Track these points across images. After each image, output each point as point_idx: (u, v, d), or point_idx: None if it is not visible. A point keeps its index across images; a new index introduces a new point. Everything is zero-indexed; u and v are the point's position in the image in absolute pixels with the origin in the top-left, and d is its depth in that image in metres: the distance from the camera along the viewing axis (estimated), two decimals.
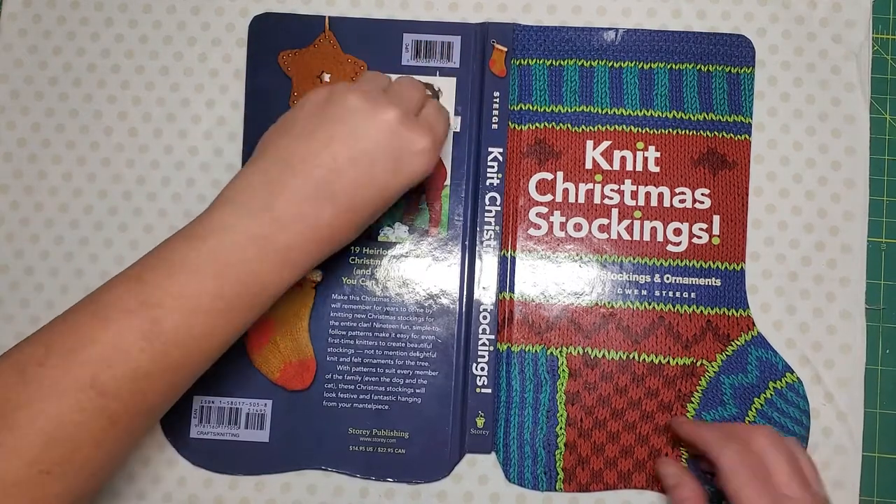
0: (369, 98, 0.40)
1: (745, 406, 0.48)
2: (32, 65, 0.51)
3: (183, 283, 0.36)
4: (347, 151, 0.39)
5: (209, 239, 0.37)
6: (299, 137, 0.40)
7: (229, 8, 0.52)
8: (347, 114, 0.40)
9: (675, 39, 0.51)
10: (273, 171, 0.39)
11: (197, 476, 0.48)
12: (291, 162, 0.39)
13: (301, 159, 0.39)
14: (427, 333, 0.49)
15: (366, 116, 0.40)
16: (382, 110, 0.40)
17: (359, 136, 0.40)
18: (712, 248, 0.49)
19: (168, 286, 0.36)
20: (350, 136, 0.39)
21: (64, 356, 0.35)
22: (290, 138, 0.40)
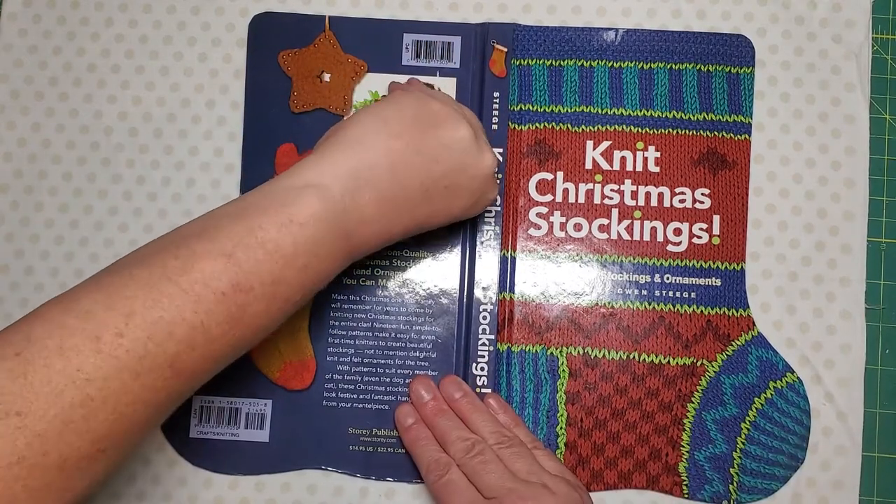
0: (478, 137, 0.42)
1: (745, 406, 0.48)
2: (32, 65, 0.51)
3: (275, 272, 0.35)
4: (445, 180, 0.41)
5: (306, 228, 0.36)
6: (409, 147, 0.40)
7: (229, 8, 0.52)
8: (458, 144, 0.41)
9: (674, 39, 0.51)
10: (376, 170, 0.39)
11: (197, 476, 0.48)
12: (396, 169, 0.39)
13: (406, 170, 0.39)
14: (427, 333, 0.49)
15: (472, 155, 0.41)
16: (485, 154, 0.42)
17: (460, 170, 0.41)
18: (712, 248, 0.49)
19: (261, 272, 0.35)
20: (453, 168, 0.41)
21: (147, 331, 0.32)
22: (400, 142, 0.40)
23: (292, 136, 0.50)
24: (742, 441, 0.48)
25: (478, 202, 0.43)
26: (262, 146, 0.50)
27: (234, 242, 0.35)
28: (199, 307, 0.33)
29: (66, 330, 0.32)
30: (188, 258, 0.34)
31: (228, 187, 0.50)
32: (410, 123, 0.40)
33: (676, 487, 0.47)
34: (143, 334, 0.32)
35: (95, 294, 0.33)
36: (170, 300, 0.33)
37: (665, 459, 0.48)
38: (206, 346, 0.34)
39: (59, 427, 0.30)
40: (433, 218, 0.42)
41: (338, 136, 0.40)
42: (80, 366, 0.31)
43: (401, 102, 0.41)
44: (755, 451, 0.48)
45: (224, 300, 0.34)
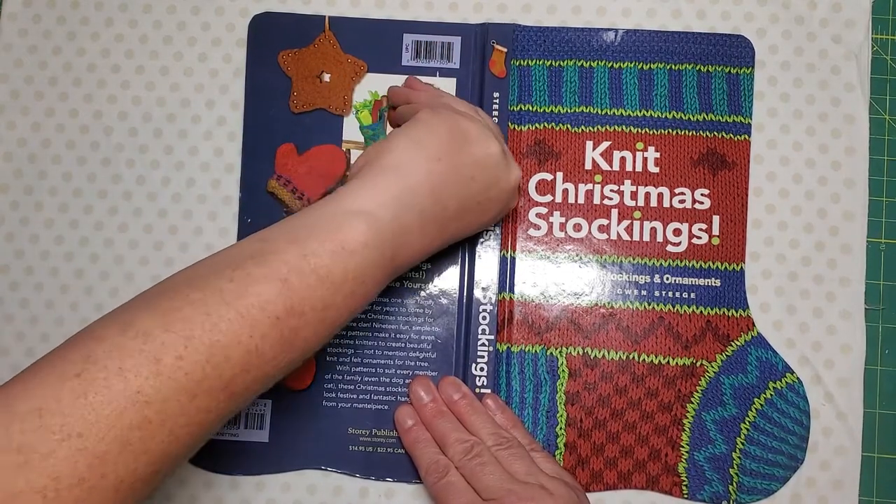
0: (506, 152, 0.43)
1: (745, 406, 0.48)
2: (32, 65, 0.52)
3: (325, 297, 0.36)
4: (480, 196, 0.42)
5: (356, 256, 0.37)
6: (447, 169, 0.40)
7: (229, 8, 0.52)
8: (489, 160, 0.42)
9: (674, 40, 0.51)
10: (419, 194, 0.39)
11: (197, 476, 0.48)
12: (437, 190, 0.40)
13: (446, 190, 0.40)
14: (427, 333, 0.49)
15: (503, 170, 0.43)
16: (513, 168, 0.44)
17: (493, 184, 0.42)
18: (712, 248, 0.49)
19: (313, 298, 0.35)
20: (487, 184, 0.42)
21: (206, 354, 0.32)
22: (439, 164, 0.40)
23: (292, 136, 0.50)
24: (741, 441, 0.48)
25: (502, 211, 0.45)
26: (262, 146, 0.50)
27: (288, 267, 0.35)
28: (254, 331, 0.34)
29: (126, 351, 0.32)
30: (244, 281, 0.34)
31: (228, 187, 0.51)
32: (447, 144, 0.41)
33: (676, 488, 0.47)
34: (202, 357, 0.32)
35: (154, 316, 0.33)
36: (227, 324, 0.33)
37: (665, 460, 0.48)
38: (259, 369, 0.34)
39: (118, 449, 0.30)
40: (464, 230, 0.43)
41: (378, 163, 0.40)
42: (140, 388, 0.31)
43: (431, 123, 0.42)
44: (755, 452, 0.48)
45: (278, 324, 0.34)
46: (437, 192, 0.40)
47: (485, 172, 0.42)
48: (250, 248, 0.36)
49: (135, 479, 0.31)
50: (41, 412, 0.30)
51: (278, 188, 0.50)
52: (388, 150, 0.40)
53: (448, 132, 0.41)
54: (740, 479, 0.47)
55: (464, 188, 0.41)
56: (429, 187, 0.40)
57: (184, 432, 0.32)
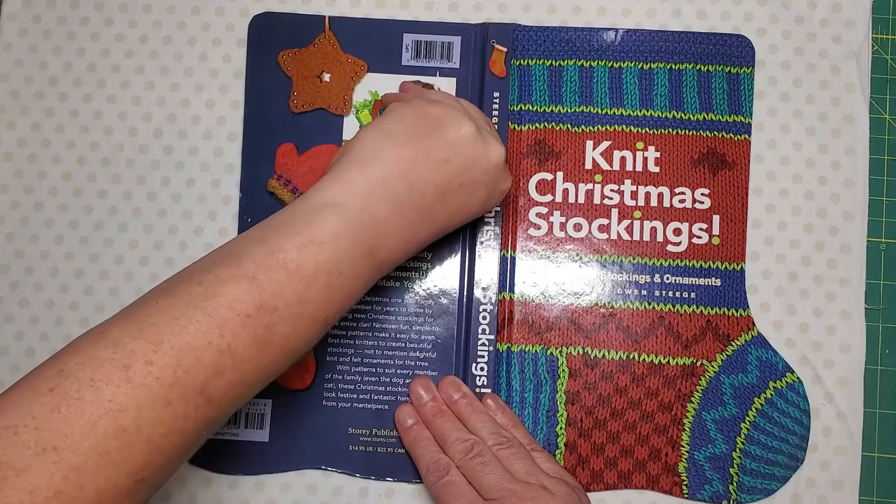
0: (482, 130, 0.42)
1: (745, 406, 0.48)
2: (32, 65, 0.52)
3: (299, 292, 0.36)
4: (459, 178, 0.41)
5: (326, 247, 0.37)
6: (418, 154, 0.40)
7: (229, 8, 0.52)
8: (462, 141, 0.41)
9: (674, 40, 0.51)
10: (389, 182, 0.39)
11: (196, 476, 0.48)
12: (408, 177, 0.39)
13: (418, 176, 0.40)
14: (427, 333, 0.49)
15: (479, 148, 0.41)
16: (493, 146, 0.42)
17: (471, 165, 0.41)
18: (712, 248, 0.49)
19: (285, 293, 0.35)
20: (464, 164, 0.41)
21: (175, 358, 0.32)
22: (407, 150, 0.40)
23: (292, 136, 0.50)
24: (742, 441, 0.48)
25: (493, 194, 0.43)
26: (262, 146, 0.50)
27: (256, 265, 0.35)
28: (224, 331, 0.34)
29: (97, 361, 0.32)
30: (211, 283, 0.34)
31: (228, 187, 0.51)
32: (414, 130, 0.41)
33: (676, 487, 0.47)
34: (172, 361, 0.32)
35: (124, 325, 0.33)
36: (196, 326, 0.33)
37: (665, 459, 0.48)
38: (234, 370, 0.34)
39: (95, 459, 0.30)
40: (454, 217, 0.42)
41: (347, 156, 0.40)
42: (112, 396, 0.31)
43: (399, 112, 0.42)
44: (755, 452, 0.48)
45: (249, 322, 0.34)
46: (410, 178, 0.39)
47: (459, 153, 0.41)
48: (221, 253, 0.37)
49: (116, 490, 0.31)
50: (17, 429, 0.30)
51: (278, 188, 0.50)
52: (356, 143, 0.41)
53: (415, 118, 0.41)
54: (740, 479, 0.47)
55: (439, 172, 0.40)
56: (399, 174, 0.39)
57: (164, 441, 0.32)
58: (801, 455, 0.48)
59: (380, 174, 0.39)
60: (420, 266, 0.49)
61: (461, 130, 0.41)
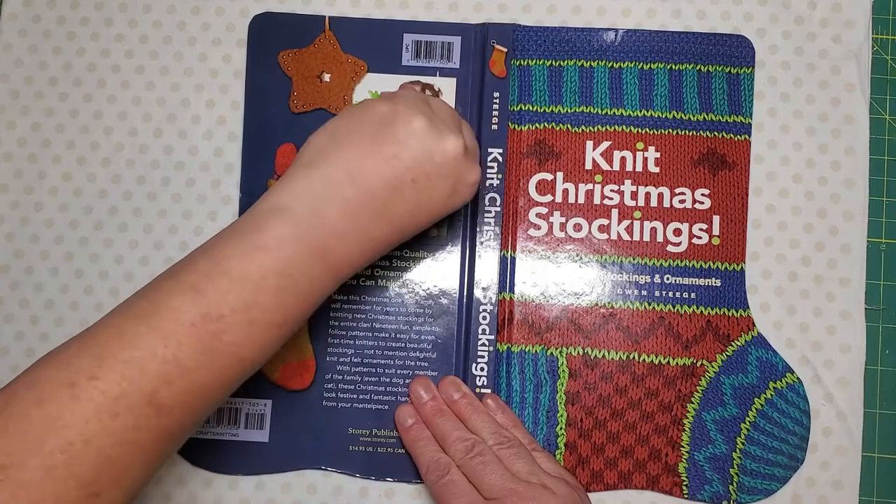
0: (435, 123, 0.41)
1: (745, 406, 0.48)
2: (32, 65, 0.51)
3: (245, 297, 0.36)
4: (411, 173, 0.40)
5: (272, 251, 0.36)
6: (363, 150, 0.39)
7: (229, 8, 0.52)
8: (413, 136, 0.40)
9: (674, 40, 0.51)
10: (335, 183, 0.38)
11: (197, 476, 0.48)
12: (355, 176, 0.39)
13: (365, 174, 0.39)
14: (427, 333, 0.49)
15: (432, 141, 0.40)
16: (447, 138, 0.41)
17: (423, 159, 0.40)
18: (712, 248, 0.49)
19: (229, 299, 0.35)
20: (415, 158, 0.40)
21: (119, 371, 0.33)
22: (353, 150, 0.39)
23: (292, 136, 0.50)
24: (742, 441, 0.48)
25: (456, 188, 0.41)
26: (262, 146, 0.50)
27: (198, 275, 0.36)
28: (168, 341, 0.34)
29: (42, 382, 0.33)
30: (156, 298, 0.35)
31: (228, 187, 0.50)
32: (359, 128, 0.40)
33: (676, 488, 0.47)
34: (116, 375, 0.33)
35: (72, 345, 0.34)
36: (141, 339, 0.34)
37: (665, 460, 0.48)
38: (183, 379, 0.34)
39: (42, 475, 0.31)
40: (416, 216, 0.41)
41: (296, 161, 0.40)
42: (58, 413, 0.32)
43: (348, 113, 0.41)
44: (755, 452, 0.48)
45: (194, 331, 0.34)
46: (356, 177, 0.39)
47: (409, 148, 0.39)
48: (170, 269, 0.37)
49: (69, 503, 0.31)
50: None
51: None
52: (304, 147, 0.41)
53: (362, 117, 0.41)
54: (740, 479, 0.47)
55: (386, 167, 0.39)
56: (344, 173, 0.39)
57: (115, 452, 0.33)
58: (801, 455, 0.48)
59: (325, 175, 0.39)
60: (420, 266, 0.49)
61: (411, 125, 0.40)
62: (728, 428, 0.48)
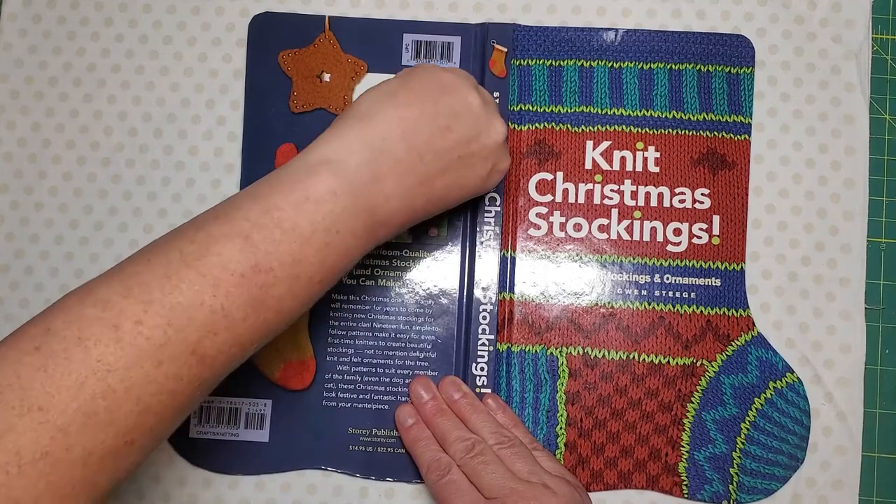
0: (488, 104, 0.41)
1: (745, 406, 0.48)
2: (32, 65, 0.52)
3: (294, 251, 0.34)
4: (459, 149, 0.40)
5: (322, 205, 0.35)
6: (421, 116, 0.39)
7: (229, 8, 0.52)
8: (468, 112, 0.40)
9: (674, 40, 0.51)
10: (390, 140, 0.38)
11: (196, 476, 0.48)
12: (409, 137, 0.38)
13: (419, 138, 0.38)
14: (427, 333, 0.49)
15: (484, 122, 0.40)
16: (497, 121, 0.41)
17: (472, 138, 0.40)
18: (712, 248, 0.49)
19: (280, 252, 0.34)
20: (466, 135, 0.40)
21: (166, 317, 0.31)
22: (411, 110, 0.39)
23: (292, 136, 0.50)
24: (742, 441, 0.48)
25: (491, 173, 0.42)
26: (262, 146, 0.50)
27: (250, 224, 0.34)
28: (217, 290, 0.33)
29: (85, 320, 0.31)
30: (204, 242, 0.33)
31: (228, 187, 0.50)
32: (419, 92, 0.39)
33: (676, 487, 0.47)
34: (163, 321, 0.31)
35: (113, 283, 0.32)
36: (188, 285, 0.32)
37: (665, 459, 0.48)
38: (228, 331, 0.33)
39: (82, 420, 0.30)
40: (450, 191, 0.41)
41: (348, 113, 0.39)
42: (101, 356, 0.30)
43: (408, 76, 0.41)
44: (755, 452, 0.48)
45: (243, 282, 0.33)
46: (409, 139, 0.38)
47: (462, 123, 0.40)
48: (214, 211, 0.36)
49: (104, 451, 0.30)
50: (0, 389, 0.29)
51: None
52: (359, 101, 0.40)
53: (421, 81, 0.40)
54: (740, 479, 0.47)
55: (439, 137, 0.39)
56: (399, 133, 0.38)
57: (155, 401, 0.31)
58: (801, 455, 0.48)
59: (379, 131, 0.38)
60: (420, 266, 0.49)
61: (468, 100, 0.40)
62: (728, 428, 0.48)
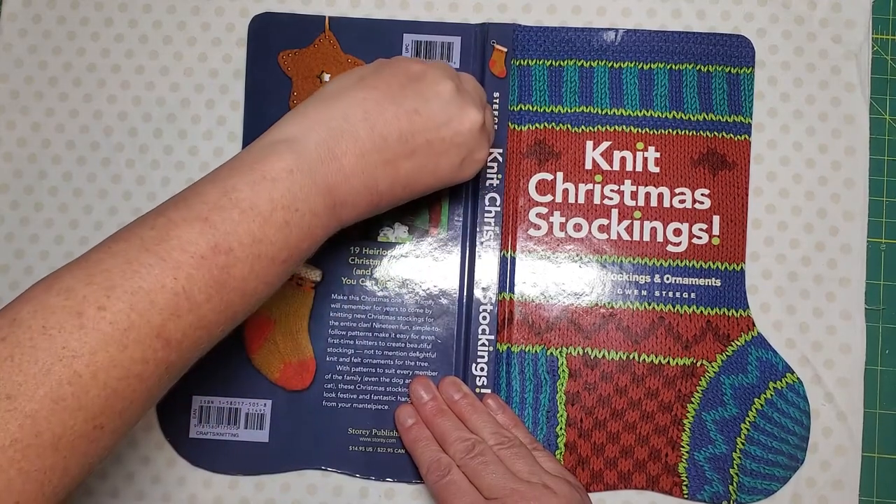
0: (461, 92, 0.41)
1: (745, 406, 0.48)
2: (32, 65, 0.52)
3: (254, 230, 0.35)
4: (427, 134, 0.39)
5: (280, 183, 0.36)
6: (385, 98, 0.39)
7: (229, 8, 0.52)
8: (438, 98, 0.40)
9: (674, 40, 0.51)
10: (350, 120, 0.38)
11: (196, 476, 0.48)
12: (372, 118, 0.38)
13: (383, 120, 0.38)
14: (427, 333, 0.49)
15: (455, 108, 0.40)
16: (469, 109, 0.41)
17: (442, 123, 0.40)
18: (712, 248, 0.49)
19: (239, 232, 0.34)
20: (434, 120, 0.40)
21: (128, 301, 0.32)
22: (376, 93, 0.39)
23: None
24: (742, 441, 0.48)
25: (465, 162, 0.42)
26: None
27: (209, 206, 0.35)
28: (178, 273, 0.33)
29: (49, 309, 0.32)
30: (164, 226, 0.34)
31: None
32: (387, 78, 0.40)
33: (676, 488, 0.47)
34: (125, 305, 0.32)
35: (77, 272, 0.33)
36: (148, 269, 0.33)
37: (665, 460, 0.48)
38: (192, 313, 0.34)
39: (50, 406, 0.30)
40: (419, 176, 0.40)
41: (314, 96, 0.40)
42: (66, 343, 0.31)
43: (380, 64, 0.41)
44: (755, 452, 0.48)
45: (204, 264, 0.34)
46: (372, 119, 0.38)
47: (431, 108, 0.39)
48: (175, 197, 0.36)
49: (74, 435, 0.31)
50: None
51: None
52: (326, 85, 0.40)
53: (392, 69, 0.40)
54: (740, 479, 0.47)
55: (405, 120, 0.39)
56: (361, 113, 0.38)
57: (122, 385, 0.32)
58: (801, 455, 0.48)
59: (340, 111, 0.38)
60: (420, 266, 0.49)
61: (438, 87, 0.40)
62: (728, 428, 0.48)
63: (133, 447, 0.48)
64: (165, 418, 0.48)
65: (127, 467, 0.48)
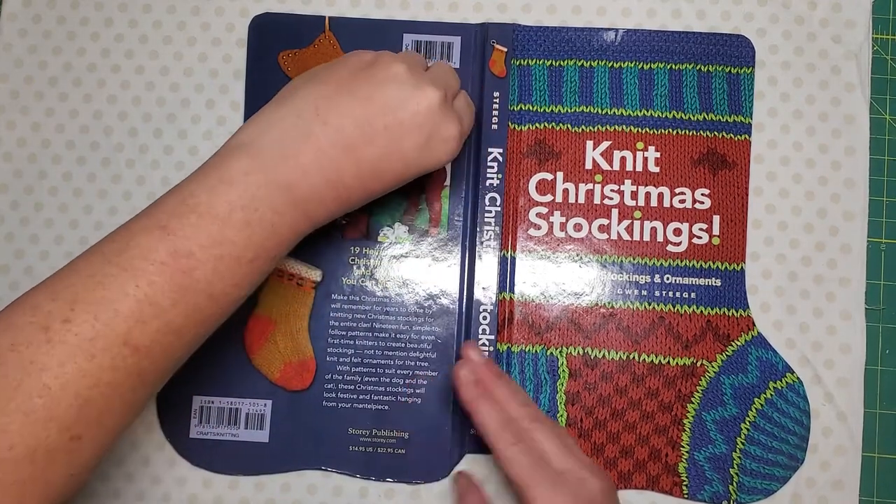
0: (415, 72, 0.40)
1: (745, 406, 0.48)
2: (32, 65, 0.52)
3: (213, 233, 0.35)
4: (383, 118, 0.39)
5: (236, 185, 0.36)
6: (337, 91, 0.39)
7: (229, 8, 0.52)
8: (391, 81, 0.40)
9: (674, 40, 0.51)
10: (302, 116, 0.38)
11: (196, 476, 0.48)
12: (323, 111, 0.38)
13: (335, 111, 0.38)
14: (427, 333, 0.49)
15: (409, 89, 0.40)
16: (425, 88, 0.40)
17: (397, 105, 0.39)
18: (712, 248, 0.49)
19: (197, 236, 0.35)
20: (389, 104, 0.39)
21: (92, 312, 0.33)
22: (326, 87, 0.39)
23: None
24: (742, 441, 0.48)
25: (432, 140, 0.40)
26: None
27: (167, 214, 0.35)
28: (140, 280, 0.34)
29: (16, 327, 0.33)
30: (124, 238, 0.35)
31: None
32: (339, 70, 0.40)
33: (676, 488, 0.47)
34: (90, 316, 0.33)
35: (43, 290, 0.34)
36: (111, 280, 0.34)
37: (665, 460, 0.48)
38: (158, 319, 0.34)
39: (21, 419, 0.31)
40: (386, 163, 0.40)
41: (271, 100, 0.40)
42: (33, 357, 0.32)
43: (335, 61, 0.41)
44: (755, 452, 0.48)
45: (165, 269, 0.34)
46: (324, 113, 0.38)
47: (384, 92, 0.39)
48: (139, 213, 0.37)
49: (49, 447, 0.32)
50: None
51: None
52: (283, 89, 0.41)
53: (344, 62, 0.41)
54: (740, 479, 0.47)
55: (359, 108, 0.39)
56: (313, 108, 0.38)
57: (94, 393, 0.33)
58: (801, 455, 0.48)
59: (293, 109, 0.39)
60: (420, 266, 0.49)
61: (390, 70, 0.40)
62: (728, 428, 0.48)
63: (133, 447, 0.48)
64: (166, 419, 0.48)
65: (127, 468, 0.48)
